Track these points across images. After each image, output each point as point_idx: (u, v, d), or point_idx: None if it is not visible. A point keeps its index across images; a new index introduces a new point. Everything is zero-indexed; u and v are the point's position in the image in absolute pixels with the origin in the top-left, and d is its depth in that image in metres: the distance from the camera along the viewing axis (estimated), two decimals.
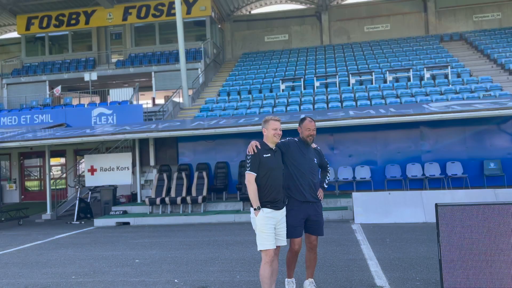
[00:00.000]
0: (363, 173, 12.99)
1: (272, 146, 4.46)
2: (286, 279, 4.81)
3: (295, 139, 4.79)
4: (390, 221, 10.00)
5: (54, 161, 23.45)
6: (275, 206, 4.33)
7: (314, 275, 4.94)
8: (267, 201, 4.31)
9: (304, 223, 4.64)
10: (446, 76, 17.93)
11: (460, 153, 12.83)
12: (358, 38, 27.01)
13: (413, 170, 12.77)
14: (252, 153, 4.33)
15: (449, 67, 18.09)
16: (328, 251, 7.13)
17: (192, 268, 6.36)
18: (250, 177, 4.31)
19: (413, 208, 10.11)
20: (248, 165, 4.33)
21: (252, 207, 4.30)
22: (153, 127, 12.57)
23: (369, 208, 10.32)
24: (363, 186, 12.95)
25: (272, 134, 4.40)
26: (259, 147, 4.38)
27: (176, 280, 5.71)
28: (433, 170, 12.63)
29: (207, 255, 7.31)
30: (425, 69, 18.31)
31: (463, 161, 12.64)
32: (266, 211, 4.28)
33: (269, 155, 4.38)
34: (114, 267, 6.69)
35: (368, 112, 11.91)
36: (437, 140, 13.08)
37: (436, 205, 4.06)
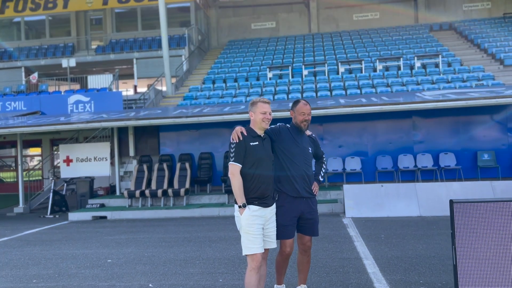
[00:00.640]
0: (354, 164, 12.46)
1: (260, 132, 3.81)
2: (275, 286, 4.20)
3: (287, 125, 4.16)
4: (383, 215, 9.50)
5: (34, 151, 22.46)
6: (264, 202, 3.70)
7: (306, 280, 4.35)
8: (254, 197, 3.67)
9: (296, 222, 4.03)
10: (436, 65, 17.48)
11: (453, 144, 12.38)
12: (347, 26, 26.41)
13: (405, 162, 12.29)
14: (237, 141, 3.69)
15: (440, 56, 17.63)
16: (320, 249, 6.56)
17: (170, 270, 5.72)
18: (234, 169, 3.66)
19: (406, 201, 9.62)
20: (231, 155, 3.69)
21: (237, 204, 3.66)
22: (132, 115, 11.81)
23: (361, 201, 9.80)
24: (353, 177, 12.43)
25: (260, 119, 3.75)
26: (245, 134, 3.74)
27: (150, 285, 5.06)
28: (426, 161, 12.17)
29: (187, 253, 6.67)
30: (415, 58, 17.82)
31: (456, 152, 12.20)
32: (253, 208, 3.65)
33: (257, 143, 3.74)
34: (83, 269, 6.00)
35: (359, 101, 11.35)
36: (430, 131, 12.61)
37: (451, 202, 3.48)
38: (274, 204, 3.89)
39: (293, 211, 3.96)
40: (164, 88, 19.05)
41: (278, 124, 4.14)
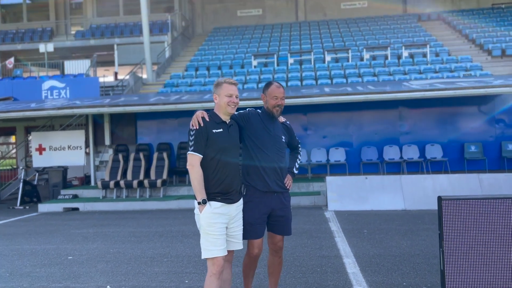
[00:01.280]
0: (338, 155, 12.07)
1: (226, 118, 3.33)
2: None
3: (258, 110, 3.68)
4: (367, 208, 9.13)
5: (9, 139, 21.61)
6: (228, 198, 3.24)
7: (279, 282, 3.91)
8: (216, 192, 3.20)
9: (266, 220, 3.57)
10: (424, 55, 17.13)
11: (440, 135, 12.07)
12: (335, 15, 25.90)
13: (391, 153, 11.95)
14: (197, 127, 3.20)
15: (428, 45, 17.28)
16: (298, 245, 6.14)
17: (133, 269, 5.24)
18: (193, 160, 3.18)
19: (391, 194, 9.26)
20: (190, 144, 3.20)
21: (196, 200, 3.19)
22: (106, 102, 11.20)
23: (344, 193, 9.42)
24: (337, 169, 12.04)
25: (225, 103, 3.27)
26: (207, 119, 3.25)
27: (108, 286, 4.58)
28: (412, 153, 11.84)
29: (156, 250, 6.20)
30: (403, 47, 17.45)
31: (443, 143, 11.89)
32: (214, 205, 3.17)
33: (221, 130, 3.26)
34: (39, 267, 5.49)
35: (345, 89, 10.92)
36: (416, 122, 12.27)
37: (440, 198, 3.05)
38: (241, 199, 3.43)
39: (262, 208, 3.50)
40: (145, 76, 18.40)
41: (247, 109, 3.66)
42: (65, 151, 12.92)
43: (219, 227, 3.15)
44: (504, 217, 3.07)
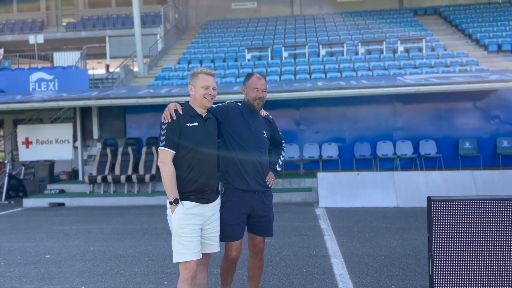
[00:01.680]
0: (331, 151, 11.86)
1: (202, 111, 3.10)
2: None
3: (238, 103, 3.45)
4: (359, 205, 8.94)
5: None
6: (203, 198, 3.01)
7: (263, 284, 3.70)
8: (190, 191, 2.97)
9: (246, 220, 3.35)
10: (420, 50, 16.91)
11: (434, 131, 11.88)
12: (331, 9, 25.60)
13: (384, 149, 11.75)
14: (169, 121, 2.96)
15: (423, 40, 17.06)
16: (286, 244, 5.94)
17: (112, 269, 5.01)
18: (164, 156, 2.95)
19: (384, 190, 9.07)
20: (162, 138, 2.97)
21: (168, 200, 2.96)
22: (93, 95, 10.92)
23: (336, 190, 9.22)
24: (330, 165, 11.84)
25: (201, 95, 3.03)
26: (180, 112, 3.01)
27: None
28: (405, 149, 11.65)
29: (139, 248, 5.97)
30: (398, 41, 17.22)
31: (437, 139, 11.71)
32: (188, 205, 2.95)
33: (196, 124, 3.02)
34: (14, 266, 5.25)
35: (338, 84, 10.69)
36: (410, 117, 12.07)
37: (429, 199, 2.84)
38: (218, 199, 3.20)
39: (241, 208, 3.28)
40: (136, 69, 18.08)
41: (226, 102, 3.42)
42: (52, 144, 12.66)
43: (192, 228, 2.92)
44: (498, 220, 2.87)
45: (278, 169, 3.59)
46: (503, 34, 18.37)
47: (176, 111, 2.98)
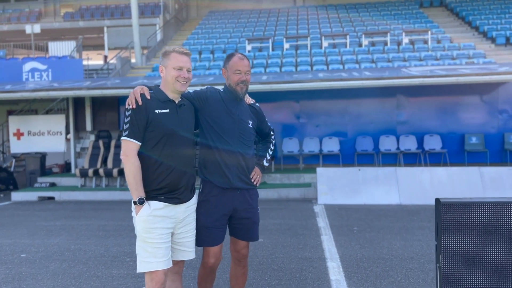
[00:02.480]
0: (331, 145, 11.42)
1: (174, 96, 2.67)
2: None
3: (219, 89, 3.02)
4: (359, 202, 8.52)
5: None
6: (174, 197, 2.60)
7: None
8: (159, 189, 2.56)
9: (227, 222, 2.94)
10: (425, 42, 16.39)
11: (440, 125, 11.40)
12: (334, 0, 25.02)
13: (387, 143, 11.30)
14: (133, 107, 2.54)
15: (429, 32, 16.53)
16: (279, 245, 5.53)
17: (89, 270, 4.62)
18: (128, 148, 2.53)
19: (386, 187, 8.64)
20: (125, 127, 2.55)
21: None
22: (85, 85, 10.50)
23: (335, 186, 8.80)
24: (330, 160, 11.41)
25: (173, 77, 2.61)
26: (148, 97, 2.59)
27: None
28: (409, 143, 11.19)
29: (121, 247, 5.58)
30: (403, 33, 16.69)
31: (442, 134, 11.24)
32: (155, 206, 2.54)
33: (167, 110, 2.60)
34: None
35: (339, 75, 10.23)
36: (415, 111, 11.60)
37: (438, 201, 2.41)
38: (194, 198, 2.79)
39: (222, 208, 2.86)
40: (134, 60, 17.64)
41: (206, 87, 3.00)
42: (44, 136, 12.25)
43: (160, 233, 2.51)
44: None
45: (266, 164, 3.17)
46: (511, 26, 17.81)
47: (142, 95, 2.56)
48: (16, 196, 10.26)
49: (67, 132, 12.45)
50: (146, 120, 2.52)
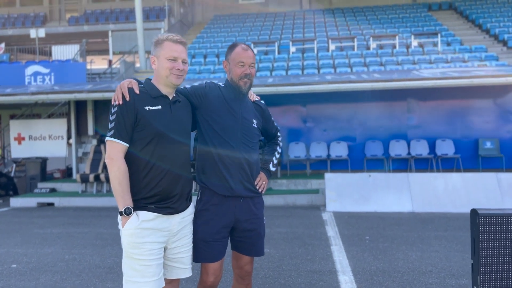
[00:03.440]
0: (339, 150, 11.05)
1: (168, 91, 2.34)
2: None
3: (220, 84, 2.69)
4: (370, 210, 8.13)
5: None
6: (167, 207, 2.26)
7: None
8: (149, 198, 2.23)
9: (228, 235, 2.60)
10: (435, 45, 16.02)
11: (452, 130, 11.00)
12: (341, 3, 24.77)
13: (397, 148, 10.91)
14: (120, 103, 2.22)
15: (439, 34, 16.15)
16: (287, 256, 5.16)
17: (81, 284, 4.29)
18: (113, 150, 2.20)
19: (398, 194, 8.25)
20: (110, 126, 2.22)
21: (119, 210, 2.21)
22: (87, 88, 10.24)
23: (344, 192, 8.42)
24: (339, 165, 11.03)
25: (166, 69, 2.28)
26: (137, 92, 2.26)
27: None
28: (421, 148, 10.79)
29: (119, 258, 5.23)
30: (412, 36, 16.34)
31: (455, 139, 10.83)
32: (145, 217, 2.20)
33: (159, 107, 2.28)
34: None
35: (348, 77, 9.88)
36: (426, 115, 11.20)
37: (475, 212, 2.05)
38: (191, 207, 2.45)
39: (223, 219, 2.52)
40: (138, 64, 17.42)
41: (205, 82, 2.67)
42: (45, 141, 12.01)
43: (149, 249, 2.17)
44: None
45: (272, 169, 2.83)
46: None
47: (130, 89, 2.24)
48: (15, 202, 9.98)
49: (69, 137, 12.21)
50: (135, 118, 2.20)
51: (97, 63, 20.50)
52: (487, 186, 8.09)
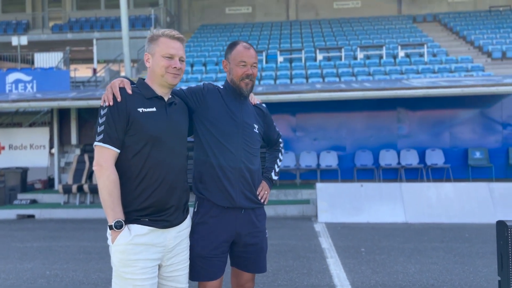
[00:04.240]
0: (329, 160, 10.90)
1: (163, 92, 2.13)
2: None
3: (219, 85, 2.49)
4: (362, 220, 7.96)
5: None
6: (162, 219, 2.03)
7: None
8: (143, 209, 2.00)
9: (228, 250, 2.37)
10: (421, 55, 16.13)
11: (442, 139, 10.97)
12: (327, 14, 24.92)
13: (387, 158, 10.82)
14: (110, 104, 1.99)
15: (425, 45, 16.29)
16: (281, 269, 4.94)
17: None
18: (102, 156, 1.98)
19: (390, 204, 8.11)
20: (99, 130, 1.99)
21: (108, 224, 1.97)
22: (71, 95, 9.92)
23: (337, 203, 8.25)
24: (328, 175, 10.87)
25: (162, 67, 2.07)
26: (129, 92, 2.04)
27: None
28: (411, 158, 10.73)
29: (104, 273, 4.94)
30: (399, 46, 16.44)
31: (444, 149, 10.79)
32: (138, 231, 1.97)
33: (153, 109, 2.06)
34: None
35: (338, 86, 9.79)
36: (416, 124, 11.17)
37: (503, 224, 1.87)
38: (188, 220, 2.22)
39: (222, 233, 2.30)
40: (123, 73, 17.12)
41: (202, 83, 2.47)
42: (26, 150, 11.60)
43: (143, 267, 1.93)
44: None
45: (274, 177, 2.63)
46: (507, 41, 17.69)
47: (122, 89, 2.02)
48: None
49: (51, 146, 11.82)
50: (126, 121, 1.97)
51: (81, 72, 20.13)
52: (479, 196, 8.02)
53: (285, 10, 25.45)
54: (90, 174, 10.41)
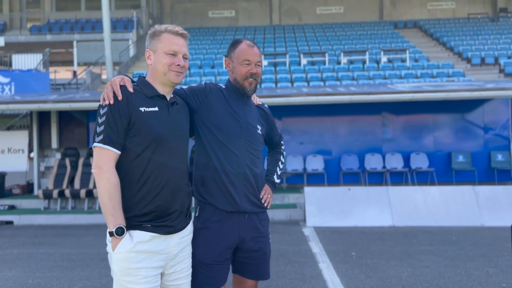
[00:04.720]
0: (316, 163, 10.89)
1: (165, 91, 2.02)
2: None
3: (221, 85, 2.40)
4: (351, 224, 7.94)
5: None
6: (165, 225, 1.92)
7: None
8: (145, 215, 1.88)
9: (231, 257, 2.27)
10: (403, 61, 16.37)
11: (426, 143, 11.11)
12: (310, 19, 25.09)
13: (373, 162, 10.87)
14: (110, 102, 1.88)
15: (407, 51, 16.53)
16: (274, 275, 4.81)
17: None
18: (101, 158, 1.86)
19: (378, 207, 8.12)
20: (98, 130, 1.88)
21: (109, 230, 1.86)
22: (51, 98, 9.65)
23: (325, 207, 8.21)
24: (315, 179, 10.85)
25: (165, 65, 1.97)
26: (131, 90, 1.93)
27: None
28: (395, 162, 10.80)
29: (89, 281, 4.76)
30: (382, 52, 16.64)
31: (428, 153, 10.92)
32: (140, 238, 1.85)
33: (156, 108, 1.95)
34: None
35: (325, 90, 9.79)
36: (400, 128, 11.27)
37: None
38: (189, 226, 2.12)
39: (225, 238, 2.20)
40: (105, 76, 16.81)
41: (204, 82, 2.37)
42: (4, 154, 11.22)
43: (145, 275, 1.82)
44: None
45: (277, 181, 2.55)
46: (485, 47, 18.14)
47: (123, 87, 1.90)
48: None
49: (30, 150, 11.46)
50: (128, 120, 1.86)
51: (61, 74, 19.68)
52: (465, 199, 8.11)
53: (268, 14, 25.52)
54: (72, 178, 10.13)
